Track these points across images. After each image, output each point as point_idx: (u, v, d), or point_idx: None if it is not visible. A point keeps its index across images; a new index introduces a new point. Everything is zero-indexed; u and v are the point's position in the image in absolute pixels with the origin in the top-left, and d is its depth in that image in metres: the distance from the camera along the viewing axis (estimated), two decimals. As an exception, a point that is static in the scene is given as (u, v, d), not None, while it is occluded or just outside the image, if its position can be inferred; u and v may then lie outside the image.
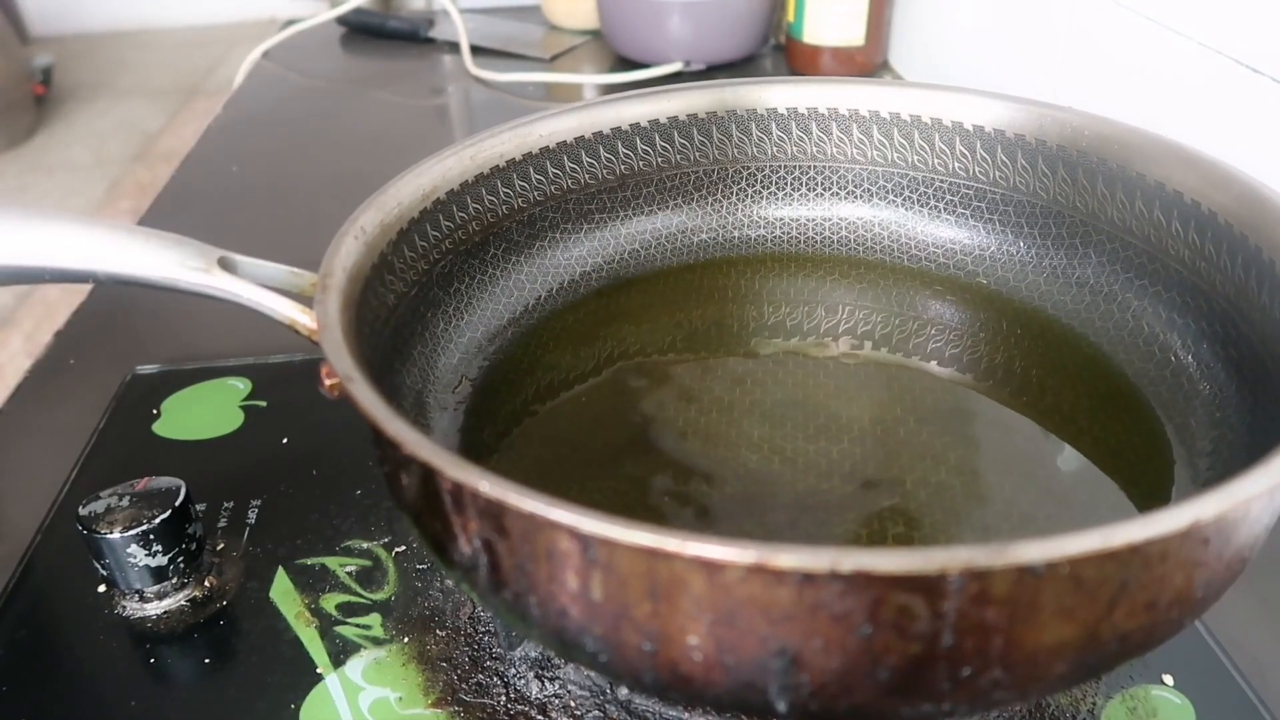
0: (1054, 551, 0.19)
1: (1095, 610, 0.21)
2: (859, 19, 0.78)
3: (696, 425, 0.37)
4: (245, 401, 0.46)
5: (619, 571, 0.22)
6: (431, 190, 0.38)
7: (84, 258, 0.29)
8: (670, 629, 0.22)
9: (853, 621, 0.20)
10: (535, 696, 0.32)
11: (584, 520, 0.21)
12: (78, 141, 2.26)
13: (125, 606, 0.36)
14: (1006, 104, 0.41)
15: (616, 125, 0.43)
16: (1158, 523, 0.20)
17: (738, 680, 0.22)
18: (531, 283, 0.43)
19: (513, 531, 0.23)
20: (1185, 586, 0.23)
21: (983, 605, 0.20)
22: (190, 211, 0.68)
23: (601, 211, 0.44)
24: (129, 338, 0.52)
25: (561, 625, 0.24)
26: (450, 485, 0.23)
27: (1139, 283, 0.38)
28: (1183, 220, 0.36)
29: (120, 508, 0.35)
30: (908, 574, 0.19)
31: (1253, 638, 0.34)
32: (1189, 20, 0.47)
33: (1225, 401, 0.33)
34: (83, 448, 0.43)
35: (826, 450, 0.35)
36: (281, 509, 0.40)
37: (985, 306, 0.42)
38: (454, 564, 0.26)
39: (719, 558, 0.20)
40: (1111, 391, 0.37)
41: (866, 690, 0.22)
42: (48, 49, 2.55)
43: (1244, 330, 0.33)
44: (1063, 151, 0.40)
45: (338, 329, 0.28)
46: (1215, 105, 0.46)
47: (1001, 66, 0.66)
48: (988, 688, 0.22)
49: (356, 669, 0.33)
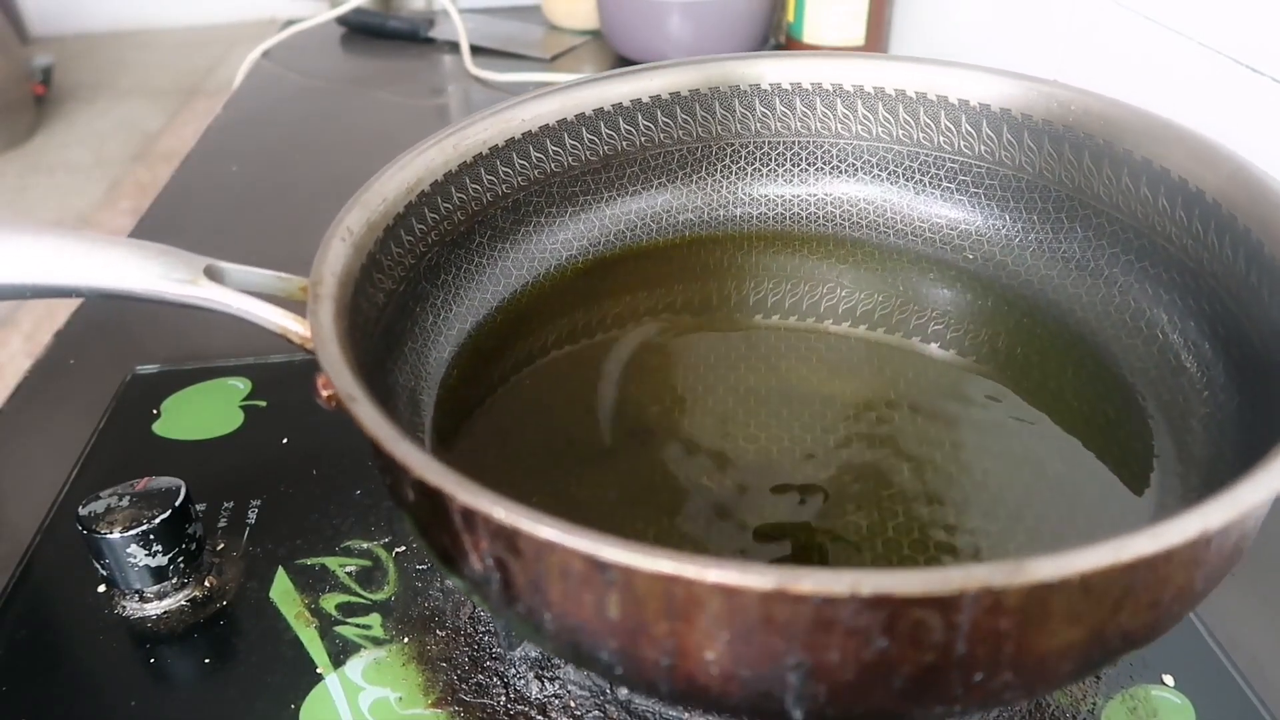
0: (1067, 568, 0.20)
1: (1102, 614, 0.22)
2: (859, 19, 0.78)
3: (688, 406, 0.37)
4: (245, 401, 0.46)
5: (636, 593, 0.22)
6: (416, 183, 0.37)
7: (66, 273, 0.29)
8: (687, 646, 0.22)
9: (869, 636, 0.21)
10: (535, 697, 0.32)
11: (602, 548, 0.21)
12: (78, 141, 2.24)
13: (125, 606, 0.36)
14: (993, 77, 0.41)
15: (599, 106, 0.43)
16: (1167, 534, 0.20)
17: (754, 691, 0.23)
18: (518, 269, 0.42)
19: (526, 553, 0.23)
20: (1187, 584, 0.23)
21: (996, 617, 0.21)
22: (190, 212, 0.67)
23: (586, 194, 0.44)
24: (129, 338, 0.52)
25: (577, 640, 0.24)
26: (461, 508, 0.23)
27: (1125, 258, 0.39)
28: (1170, 197, 0.36)
29: (120, 508, 0.34)
30: (926, 595, 0.20)
31: (1252, 638, 0.34)
32: (1189, 20, 0.47)
33: (1213, 380, 0.34)
34: (83, 448, 0.43)
35: (819, 433, 0.36)
36: (281, 509, 0.40)
37: (971, 283, 0.42)
38: (463, 577, 0.26)
39: (738, 584, 0.20)
40: (1097, 368, 0.38)
41: (881, 696, 0.22)
42: (48, 49, 2.51)
43: (1230, 308, 0.34)
44: (1049, 126, 0.40)
45: (334, 342, 0.28)
46: (1216, 105, 0.46)
47: (1004, 65, 0.65)
48: (998, 689, 0.23)
49: (356, 669, 0.34)
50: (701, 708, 0.29)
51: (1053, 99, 0.40)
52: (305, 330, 0.30)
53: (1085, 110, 0.39)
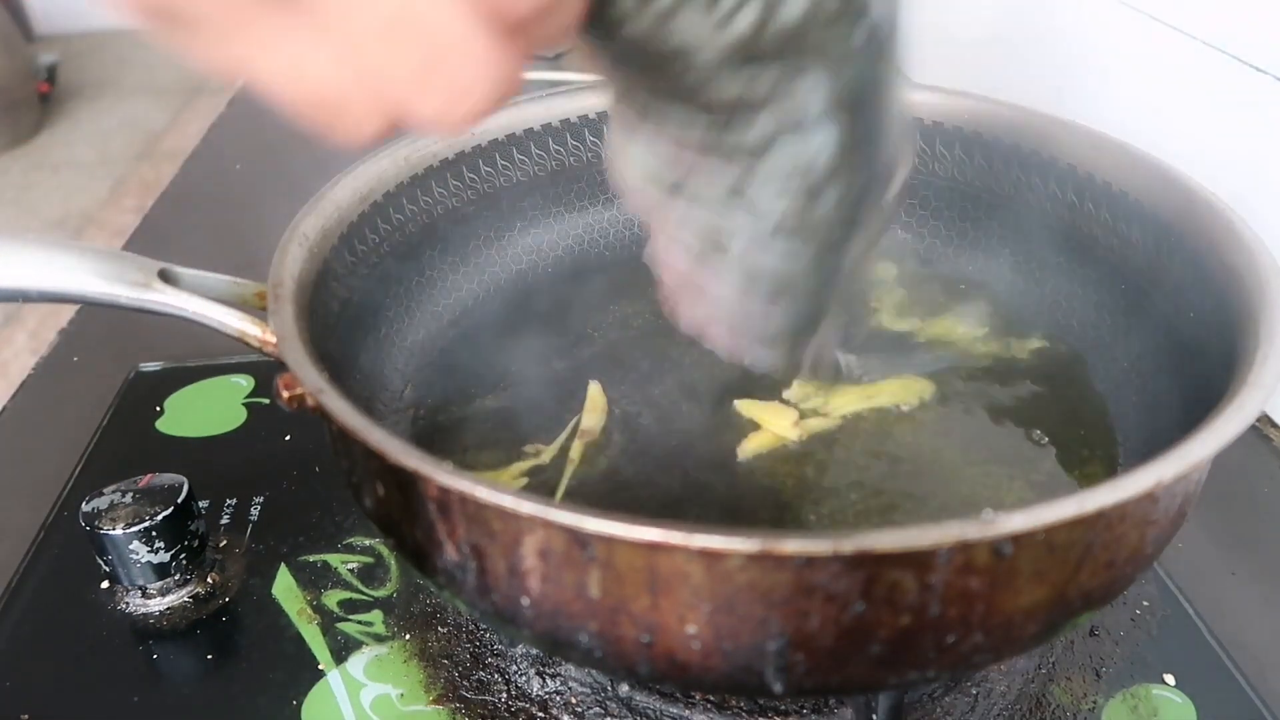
0: (1036, 520, 0.21)
1: (1065, 572, 0.23)
2: None
3: (638, 411, 0.37)
4: (248, 398, 0.46)
5: (618, 567, 0.22)
6: (368, 193, 0.37)
7: (16, 276, 0.28)
8: (668, 620, 0.22)
9: (848, 600, 0.21)
10: (536, 693, 0.32)
11: (585, 520, 0.21)
12: (82, 140, 2.20)
13: (128, 603, 0.36)
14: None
15: (547, 121, 0.43)
16: (1125, 487, 0.21)
17: (735, 664, 0.23)
18: (469, 283, 0.42)
19: (504, 535, 0.23)
20: (1139, 543, 0.24)
21: (967, 576, 0.22)
22: (194, 209, 0.67)
23: (535, 209, 0.44)
24: (132, 335, 0.51)
25: (555, 625, 0.24)
26: (438, 491, 0.23)
27: (1057, 259, 0.40)
28: (1095, 200, 0.38)
29: (123, 504, 0.34)
30: (904, 550, 0.20)
31: (1253, 637, 0.35)
32: (1193, 19, 0.49)
33: (1146, 378, 0.36)
34: (86, 444, 0.43)
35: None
36: (284, 506, 0.40)
37: (909, 280, 0.44)
38: (436, 571, 0.26)
39: (723, 547, 0.20)
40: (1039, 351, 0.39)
41: (858, 663, 0.23)
42: (52, 47, 2.47)
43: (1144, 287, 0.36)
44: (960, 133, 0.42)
45: (298, 341, 0.27)
46: (1219, 103, 0.47)
47: (1006, 66, 0.67)
48: (969, 652, 0.23)
49: (358, 665, 0.33)
50: (681, 686, 0.29)
51: (964, 108, 0.41)
52: (263, 333, 0.29)
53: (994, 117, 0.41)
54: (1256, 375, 0.24)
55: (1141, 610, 0.36)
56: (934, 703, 0.32)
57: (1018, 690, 0.33)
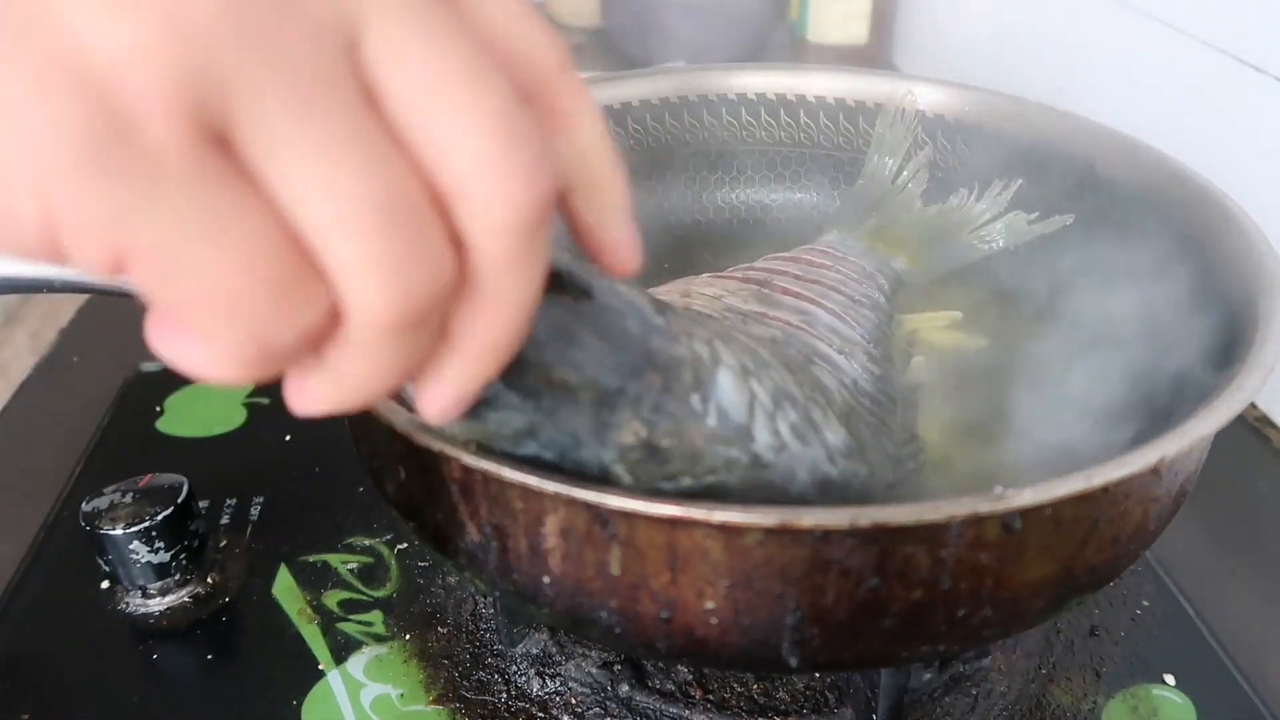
0: (1046, 495, 0.21)
1: (1071, 548, 0.24)
2: (862, 18, 0.79)
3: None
4: (248, 398, 0.46)
5: (638, 544, 0.22)
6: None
7: (38, 266, 0.28)
8: (687, 597, 0.23)
9: (863, 574, 0.22)
10: (536, 693, 0.32)
11: (607, 498, 0.21)
12: None
13: (128, 603, 0.36)
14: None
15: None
16: (1131, 462, 0.22)
17: (751, 639, 0.23)
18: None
19: (526, 514, 0.23)
20: (1143, 520, 0.25)
21: (978, 550, 0.22)
22: None
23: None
24: (133, 335, 0.50)
25: (575, 603, 0.24)
26: (461, 471, 0.24)
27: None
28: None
29: (123, 504, 0.35)
30: (918, 524, 0.21)
31: (1253, 637, 0.35)
32: (1193, 19, 0.49)
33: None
34: (86, 444, 0.43)
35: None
36: (284, 506, 0.40)
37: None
38: (458, 553, 0.26)
39: (742, 521, 0.21)
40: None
41: (871, 637, 0.23)
42: None
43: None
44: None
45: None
46: (1218, 103, 0.48)
47: (1008, 64, 0.67)
48: (978, 626, 0.24)
49: (358, 665, 0.34)
50: (699, 663, 0.29)
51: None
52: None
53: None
54: (1255, 356, 0.25)
55: (1141, 610, 0.36)
56: (934, 703, 0.32)
57: (1018, 690, 0.33)
